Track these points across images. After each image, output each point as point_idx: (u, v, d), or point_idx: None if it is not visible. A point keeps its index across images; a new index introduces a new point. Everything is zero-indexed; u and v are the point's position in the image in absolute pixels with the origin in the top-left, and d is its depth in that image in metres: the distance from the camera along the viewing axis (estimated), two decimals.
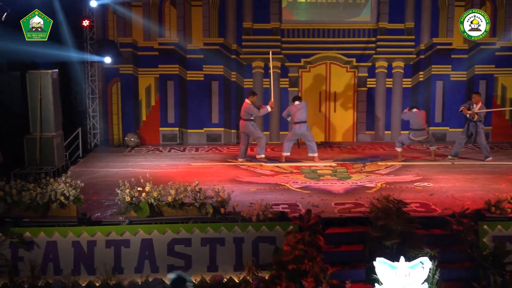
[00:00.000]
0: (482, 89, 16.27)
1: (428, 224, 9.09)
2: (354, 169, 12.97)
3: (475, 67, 16.23)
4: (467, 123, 13.61)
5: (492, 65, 16.28)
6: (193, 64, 16.02)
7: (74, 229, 8.62)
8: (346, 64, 16.26)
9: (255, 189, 11.13)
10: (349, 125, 16.51)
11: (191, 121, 16.25)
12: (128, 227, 8.70)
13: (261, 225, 8.80)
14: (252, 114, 13.40)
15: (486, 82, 16.36)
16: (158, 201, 9.10)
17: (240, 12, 16.00)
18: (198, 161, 13.82)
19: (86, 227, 8.66)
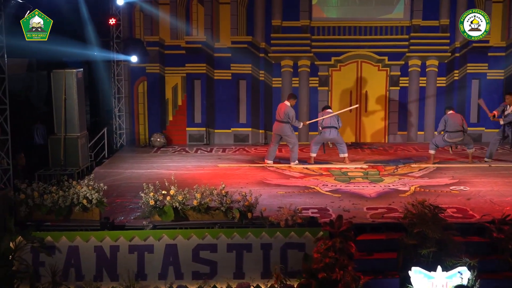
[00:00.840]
0: None
1: (466, 231, 8.63)
2: (386, 171, 12.51)
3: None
4: (504, 125, 13.07)
5: None
6: (221, 63, 15.73)
7: (96, 234, 8.36)
8: (378, 63, 15.78)
9: (284, 192, 10.76)
10: (380, 126, 16.03)
11: (218, 121, 15.95)
12: (152, 232, 8.43)
13: (290, 230, 8.45)
14: (290, 118, 12.97)
15: None
16: (183, 205, 8.80)
17: (269, 9, 15.64)
18: (225, 162, 13.50)
19: (108, 232, 8.40)
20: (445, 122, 13.05)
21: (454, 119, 13.03)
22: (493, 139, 13.31)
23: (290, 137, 13.03)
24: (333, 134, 13.21)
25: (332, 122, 13.16)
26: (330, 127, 13.15)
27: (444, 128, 13.04)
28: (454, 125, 12.96)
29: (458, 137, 13.00)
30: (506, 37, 15.69)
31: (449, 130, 12.98)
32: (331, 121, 13.17)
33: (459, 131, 12.97)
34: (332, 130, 13.16)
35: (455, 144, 13.40)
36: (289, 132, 13.02)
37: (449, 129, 12.98)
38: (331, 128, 13.15)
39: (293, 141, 13.04)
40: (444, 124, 13.04)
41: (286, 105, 13.03)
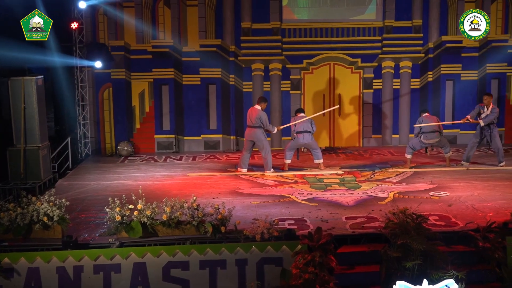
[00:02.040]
0: (494, 88, 15.53)
1: (450, 240, 8.26)
2: (363, 177, 12.13)
3: (486, 66, 15.43)
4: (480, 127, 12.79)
5: (505, 63, 15.48)
6: (189, 67, 15.18)
7: (58, 254, 7.74)
8: (350, 65, 15.41)
9: (258, 202, 10.27)
10: (354, 129, 15.66)
11: (187, 127, 15.40)
12: (119, 250, 7.85)
13: (266, 245, 7.94)
14: (263, 122, 12.46)
15: (498, 82, 15.55)
16: (152, 220, 8.25)
17: (238, 11, 15.15)
18: (195, 170, 12.95)
19: (72, 251, 7.79)
20: (420, 123, 12.73)
21: (430, 121, 12.72)
22: (471, 142, 13.02)
23: (263, 143, 12.53)
24: (307, 139, 12.76)
25: (306, 126, 12.71)
26: (303, 131, 12.70)
27: (420, 130, 12.72)
28: (430, 126, 12.65)
29: (435, 138, 12.68)
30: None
31: (425, 131, 12.66)
32: (304, 125, 12.72)
33: (435, 131, 12.65)
34: (306, 135, 12.72)
35: (431, 145, 13.08)
36: (262, 137, 12.52)
37: (425, 130, 12.66)
38: (304, 133, 12.71)
39: (266, 147, 12.55)
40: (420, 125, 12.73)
41: (257, 109, 12.55)
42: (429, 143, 12.80)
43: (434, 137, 12.68)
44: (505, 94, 15.62)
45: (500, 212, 9.37)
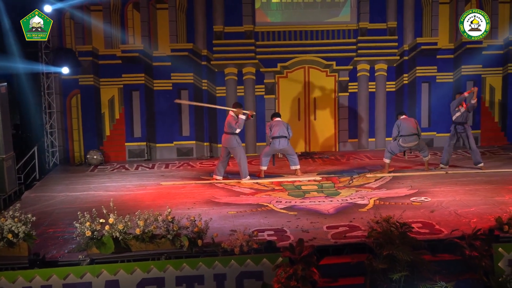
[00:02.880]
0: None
1: (435, 249, 8.00)
2: (342, 183, 11.83)
3: (462, 68, 15.31)
4: (454, 127, 12.66)
5: (480, 65, 15.38)
6: (160, 72, 14.72)
7: (24, 273, 7.26)
8: (325, 68, 15.14)
9: (235, 211, 9.88)
10: (330, 134, 15.38)
11: (159, 134, 14.94)
12: (90, 268, 7.41)
13: (246, 258, 7.58)
14: (233, 127, 12.08)
15: (473, 84, 15.37)
16: (125, 234, 7.80)
17: (210, 14, 14.76)
18: (168, 179, 12.50)
19: (39, 270, 7.32)
20: (398, 127, 12.51)
21: (408, 123, 12.50)
22: (447, 144, 12.85)
23: (236, 150, 12.14)
24: (283, 144, 12.42)
25: (282, 131, 12.36)
26: (279, 137, 12.35)
27: (398, 133, 12.49)
28: (408, 129, 12.42)
29: (413, 141, 12.46)
30: (454, 39, 15.34)
31: (403, 134, 12.42)
32: (280, 130, 12.37)
33: (414, 134, 12.44)
34: (282, 140, 12.38)
35: (410, 149, 12.84)
36: (234, 144, 12.13)
37: (403, 133, 12.43)
38: (280, 138, 12.36)
39: (240, 154, 12.17)
40: (398, 129, 12.49)
41: (230, 115, 12.17)
42: (408, 146, 12.57)
43: (413, 140, 12.45)
44: (481, 96, 15.50)
45: (484, 217, 9.15)
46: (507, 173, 12.28)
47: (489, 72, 15.51)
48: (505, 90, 15.56)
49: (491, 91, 15.64)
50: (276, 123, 12.47)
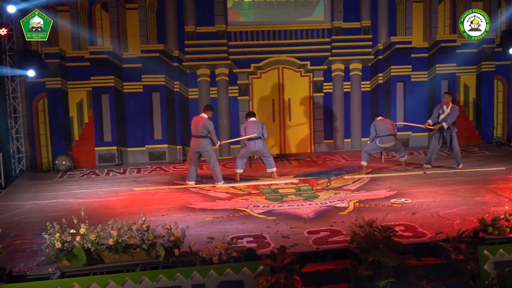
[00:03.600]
0: (444, 89, 15.32)
1: (420, 252, 7.76)
2: (319, 185, 11.57)
3: (436, 67, 15.19)
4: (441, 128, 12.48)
5: (454, 63, 15.28)
6: (131, 74, 14.31)
7: None
8: (300, 68, 14.89)
9: (211, 218, 9.52)
10: (305, 135, 15.14)
11: (130, 138, 14.52)
12: (60, 281, 6.97)
13: (225, 267, 7.23)
14: (211, 131, 11.71)
15: (448, 82, 15.35)
16: (97, 245, 7.40)
17: (181, 14, 14.40)
18: (141, 184, 12.08)
19: (5, 286, 6.87)
20: (375, 127, 12.33)
21: (384, 124, 12.34)
22: (433, 145, 12.68)
23: (209, 153, 11.78)
24: (259, 145, 12.09)
25: (257, 132, 12.03)
26: (254, 138, 12.03)
27: (375, 134, 12.30)
28: (385, 130, 12.26)
29: (390, 141, 12.29)
30: (428, 37, 15.24)
31: (380, 135, 12.25)
32: (255, 130, 12.03)
33: (391, 135, 12.26)
34: (258, 141, 12.05)
35: (387, 150, 12.67)
36: (209, 148, 11.76)
37: (380, 134, 12.26)
38: (256, 139, 12.04)
39: (213, 158, 11.81)
40: (375, 129, 12.31)
41: (204, 118, 11.77)
42: (385, 147, 12.40)
43: (390, 140, 12.28)
44: (455, 95, 15.43)
45: (466, 219, 8.98)
46: (485, 172, 12.18)
47: (464, 70, 15.45)
48: (479, 89, 15.51)
49: (466, 90, 15.58)
50: (251, 123, 12.14)
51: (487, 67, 15.40)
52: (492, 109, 15.61)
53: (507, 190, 10.65)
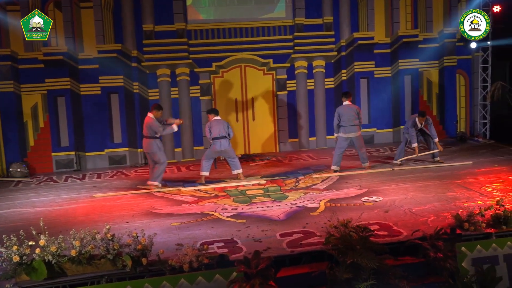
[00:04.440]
0: (408, 85, 15.25)
1: (396, 251, 7.53)
2: (288, 185, 11.28)
3: (399, 62, 15.07)
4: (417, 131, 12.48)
5: (416, 59, 15.18)
6: (88, 75, 13.76)
7: None
8: (262, 66, 14.58)
9: (178, 223, 9.11)
10: (270, 134, 14.84)
11: (89, 142, 13.96)
12: None
13: (196, 275, 6.87)
14: (156, 131, 11.28)
15: (411, 78, 15.24)
16: (58, 257, 6.93)
17: (139, 13, 13.91)
18: (102, 190, 11.56)
19: None
20: (339, 115, 12.01)
21: (348, 112, 11.95)
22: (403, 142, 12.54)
23: (156, 155, 11.32)
24: (225, 145, 11.69)
25: (222, 131, 11.65)
26: (220, 137, 11.62)
27: (338, 122, 12.00)
28: (348, 119, 11.91)
29: (354, 131, 11.99)
30: (390, 33, 15.11)
31: (343, 125, 11.95)
32: (220, 130, 11.64)
33: (355, 125, 11.98)
34: (223, 141, 11.65)
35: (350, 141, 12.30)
36: (155, 149, 11.30)
37: (343, 124, 11.94)
38: (221, 139, 11.64)
39: (160, 160, 11.30)
40: (338, 118, 11.99)
41: (149, 118, 11.32)
42: (350, 137, 12.07)
43: (354, 130, 12.00)
44: (418, 90, 15.35)
45: (440, 215, 8.80)
46: (453, 167, 12.11)
47: (426, 65, 15.37)
48: (442, 84, 15.46)
49: (429, 85, 15.52)
50: (216, 122, 11.72)
51: (449, 62, 15.36)
52: (455, 104, 15.59)
53: (476, 185, 10.57)
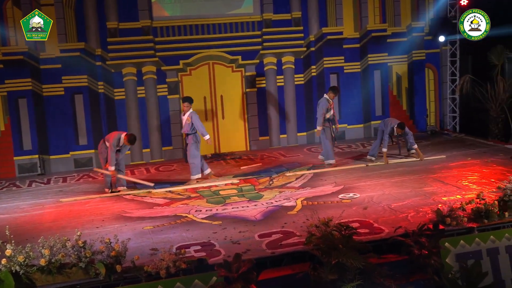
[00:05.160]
0: (377, 80, 15.14)
1: (379, 249, 7.33)
2: (262, 184, 11.00)
3: (368, 57, 14.92)
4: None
5: (385, 53, 15.06)
6: (50, 76, 13.21)
7: None
8: (231, 63, 14.26)
9: (152, 226, 8.75)
10: (240, 132, 14.54)
11: (53, 145, 13.41)
12: None
13: (174, 281, 6.56)
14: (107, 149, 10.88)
15: (380, 72, 15.12)
16: (27, 267, 6.54)
17: (102, 10, 13.43)
18: (68, 195, 11.07)
19: None
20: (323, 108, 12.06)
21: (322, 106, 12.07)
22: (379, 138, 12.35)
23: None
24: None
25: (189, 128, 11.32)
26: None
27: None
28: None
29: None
30: (359, 27, 14.95)
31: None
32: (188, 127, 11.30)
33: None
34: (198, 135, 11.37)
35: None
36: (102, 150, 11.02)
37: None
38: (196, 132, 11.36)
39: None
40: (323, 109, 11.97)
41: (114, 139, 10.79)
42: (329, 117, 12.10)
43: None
44: (388, 85, 15.25)
45: (420, 210, 8.67)
46: (426, 162, 12.01)
47: (395, 60, 15.26)
48: (411, 78, 15.37)
49: (398, 80, 15.42)
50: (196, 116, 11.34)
51: (418, 56, 15.30)
52: (425, 98, 15.54)
53: (452, 179, 10.48)
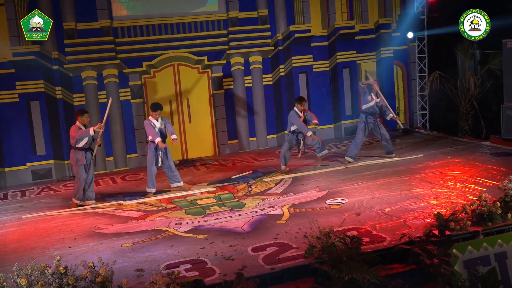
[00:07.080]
0: (346, 78, 14.74)
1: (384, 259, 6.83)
2: (240, 191, 10.38)
3: (337, 55, 14.48)
4: (365, 118, 11.79)
5: (354, 51, 14.66)
6: (3, 82, 12.19)
7: None
8: (196, 64, 13.57)
9: (131, 243, 8.00)
10: (208, 137, 13.86)
11: (8, 156, 12.40)
12: None
13: None
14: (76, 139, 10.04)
15: (349, 70, 14.73)
16: None
17: (58, 10, 12.50)
18: (31, 211, 10.13)
19: None
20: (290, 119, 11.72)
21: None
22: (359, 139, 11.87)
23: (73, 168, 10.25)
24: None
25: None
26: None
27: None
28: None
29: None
30: (326, 25, 14.51)
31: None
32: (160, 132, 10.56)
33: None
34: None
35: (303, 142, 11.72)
36: (73, 161, 10.15)
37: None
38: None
39: (77, 177, 10.11)
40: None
41: (74, 126, 10.15)
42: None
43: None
44: (357, 83, 14.85)
45: (417, 214, 8.29)
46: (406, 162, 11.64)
47: (364, 57, 14.87)
48: (379, 76, 15.00)
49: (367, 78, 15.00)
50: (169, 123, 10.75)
51: (386, 53, 14.98)
52: (394, 96, 15.23)
53: (437, 178, 10.14)
